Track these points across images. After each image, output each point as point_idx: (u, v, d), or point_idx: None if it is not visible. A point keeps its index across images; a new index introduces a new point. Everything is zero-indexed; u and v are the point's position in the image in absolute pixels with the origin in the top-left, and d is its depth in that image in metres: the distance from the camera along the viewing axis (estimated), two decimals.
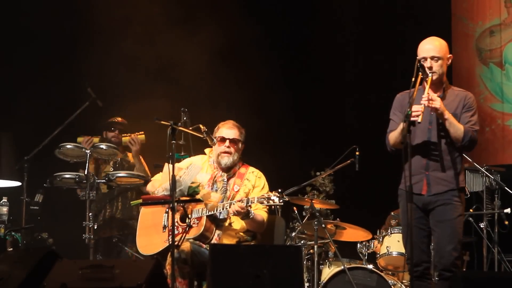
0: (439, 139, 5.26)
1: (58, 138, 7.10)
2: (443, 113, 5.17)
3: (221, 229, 5.76)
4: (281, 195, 5.54)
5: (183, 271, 5.48)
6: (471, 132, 5.22)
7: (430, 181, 5.24)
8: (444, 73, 5.34)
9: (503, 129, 8.90)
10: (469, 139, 5.21)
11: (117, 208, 7.33)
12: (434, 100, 5.13)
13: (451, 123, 5.19)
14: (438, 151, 5.25)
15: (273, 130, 8.63)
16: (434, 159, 5.25)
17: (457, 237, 5.20)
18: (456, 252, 5.19)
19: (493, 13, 9.05)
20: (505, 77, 8.94)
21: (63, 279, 4.70)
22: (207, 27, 8.33)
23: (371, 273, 6.57)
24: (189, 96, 7.94)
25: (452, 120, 5.19)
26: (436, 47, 5.28)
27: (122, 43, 8.03)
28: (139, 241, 5.89)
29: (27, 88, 8.03)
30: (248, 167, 5.98)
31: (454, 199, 5.23)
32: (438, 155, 5.25)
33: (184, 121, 6.15)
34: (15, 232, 6.81)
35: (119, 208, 7.32)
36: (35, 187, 7.02)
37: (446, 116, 5.18)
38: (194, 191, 5.64)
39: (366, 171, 6.99)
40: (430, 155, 5.26)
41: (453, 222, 5.20)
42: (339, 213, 7.34)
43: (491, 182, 7.50)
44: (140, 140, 7.29)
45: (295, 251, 5.26)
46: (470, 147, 5.30)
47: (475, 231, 7.54)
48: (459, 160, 5.29)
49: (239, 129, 5.93)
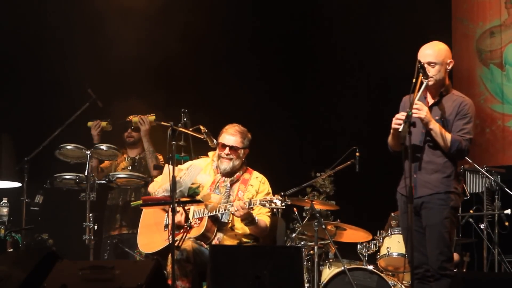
0: (429, 143, 5.23)
1: (58, 139, 7.10)
2: (428, 123, 5.15)
3: (222, 232, 5.77)
4: (283, 199, 5.55)
5: (185, 269, 5.48)
6: (459, 142, 5.16)
7: (417, 183, 5.21)
8: (443, 78, 5.29)
9: (504, 130, 8.90)
10: (456, 149, 5.15)
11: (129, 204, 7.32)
12: (420, 110, 5.11)
13: (437, 133, 5.16)
14: (427, 154, 5.24)
15: (273, 130, 8.62)
16: (424, 162, 5.23)
17: (444, 241, 5.17)
18: (443, 255, 5.16)
19: (494, 14, 9.05)
20: (506, 78, 8.94)
21: (63, 280, 4.70)
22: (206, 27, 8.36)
23: (371, 274, 6.57)
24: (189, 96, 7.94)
25: (437, 130, 5.15)
26: (434, 52, 5.25)
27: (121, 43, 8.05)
28: (140, 239, 5.91)
29: (27, 88, 8.04)
30: (252, 172, 5.97)
31: (439, 203, 5.19)
32: (427, 158, 5.23)
33: (184, 122, 6.15)
34: (15, 233, 6.81)
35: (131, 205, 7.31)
36: (35, 188, 7.01)
37: (431, 126, 5.16)
38: (194, 192, 5.65)
39: (367, 172, 6.98)
40: (421, 158, 5.24)
41: (438, 227, 5.17)
42: (339, 214, 7.33)
43: (491, 183, 7.50)
44: (149, 120, 7.28)
45: (295, 252, 5.27)
46: (458, 156, 5.24)
47: (475, 232, 7.53)
48: (450, 165, 5.24)
49: (242, 134, 5.90)
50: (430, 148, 5.24)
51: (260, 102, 8.65)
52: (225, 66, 8.70)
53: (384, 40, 8.72)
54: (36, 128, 7.73)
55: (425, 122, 5.15)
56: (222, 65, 8.69)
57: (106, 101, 7.56)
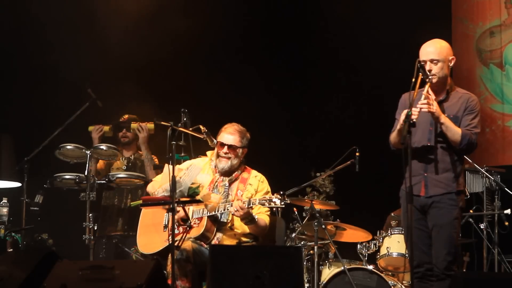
0: (439, 141, 5.24)
1: (58, 139, 7.10)
2: (439, 117, 5.17)
3: (222, 232, 5.77)
4: (282, 197, 5.55)
5: (185, 269, 5.48)
6: (469, 136, 5.19)
7: (428, 182, 5.23)
8: (446, 75, 5.31)
9: (503, 130, 8.90)
10: (466, 143, 5.18)
11: (126, 204, 7.32)
12: (430, 104, 5.13)
13: (448, 127, 5.17)
14: (437, 153, 5.24)
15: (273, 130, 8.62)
16: (433, 161, 5.24)
17: (452, 242, 5.18)
18: (450, 256, 5.17)
19: (493, 14, 9.05)
20: (505, 78, 8.94)
21: (63, 280, 4.70)
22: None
23: (371, 273, 6.57)
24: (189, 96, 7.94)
25: (448, 124, 5.18)
26: (436, 49, 5.27)
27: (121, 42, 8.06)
28: (140, 240, 5.90)
29: (27, 88, 8.04)
30: (251, 171, 5.97)
31: (450, 203, 5.21)
32: (436, 157, 5.24)
33: (184, 122, 6.14)
34: (15, 233, 6.81)
35: (127, 205, 7.31)
36: (35, 188, 7.01)
37: (442, 120, 5.17)
38: (194, 192, 5.65)
39: (366, 172, 6.98)
40: (429, 157, 5.25)
41: (448, 227, 5.19)
42: (339, 214, 7.33)
43: (491, 183, 7.50)
44: (148, 128, 7.30)
45: (295, 252, 5.27)
46: (469, 150, 5.28)
47: (475, 232, 7.53)
48: (459, 163, 5.27)
49: (241, 134, 5.91)
50: (439, 146, 5.24)
51: (260, 102, 8.64)
52: (225, 66, 8.70)
53: (384, 40, 8.71)
54: (36, 128, 7.73)
55: (435, 116, 5.16)
56: (222, 65, 8.68)
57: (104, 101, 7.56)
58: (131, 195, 7.33)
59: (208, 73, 8.62)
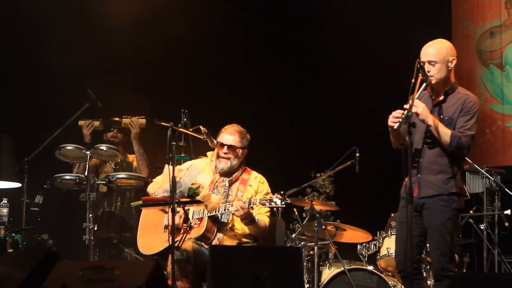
0: (433, 142, 5.21)
1: (58, 139, 7.10)
2: (425, 119, 5.12)
3: (222, 232, 5.77)
4: (283, 197, 5.54)
5: (185, 270, 5.48)
6: (458, 137, 5.10)
7: (421, 184, 5.21)
8: (446, 76, 5.24)
9: (503, 131, 8.90)
10: (455, 145, 5.10)
11: (116, 208, 7.32)
12: (416, 106, 5.08)
13: (436, 129, 5.12)
14: (432, 154, 5.22)
15: (273, 130, 8.62)
16: (427, 162, 5.22)
17: (445, 243, 5.14)
18: (445, 256, 5.13)
19: (494, 14, 9.06)
20: (506, 78, 8.94)
21: (63, 280, 4.70)
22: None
23: (371, 274, 6.57)
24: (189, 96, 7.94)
25: (436, 125, 5.12)
26: (434, 50, 5.22)
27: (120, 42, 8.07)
28: (140, 241, 5.90)
29: (27, 88, 8.04)
30: (251, 172, 5.97)
31: (441, 204, 5.17)
32: (431, 158, 5.22)
33: (184, 122, 6.14)
34: (15, 233, 6.81)
35: (117, 208, 7.31)
36: (35, 188, 7.01)
37: (430, 123, 5.13)
38: (194, 193, 5.65)
39: (366, 172, 6.98)
40: (424, 158, 5.23)
41: (440, 228, 5.15)
42: (339, 214, 7.33)
43: (491, 184, 7.51)
44: (139, 124, 7.28)
45: (295, 253, 5.27)
46: (459, 152, 5.16)
47: (475, 232, 7.54)
48: (455, 165, 5.21)
49: (241, 134, 5.91)
50: (434, 148, 5.21)
51: (260, 103, 8.64)
52: (225, 66, 8.70)
53: (384, 40, 8.72)
54: (36, 128, 7.73)
55: (421, 118, 5.12)
56: (222, 65, 8.68)
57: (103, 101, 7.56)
58: (120, 197, 7.33)
59: (208, 74, 8.63)
